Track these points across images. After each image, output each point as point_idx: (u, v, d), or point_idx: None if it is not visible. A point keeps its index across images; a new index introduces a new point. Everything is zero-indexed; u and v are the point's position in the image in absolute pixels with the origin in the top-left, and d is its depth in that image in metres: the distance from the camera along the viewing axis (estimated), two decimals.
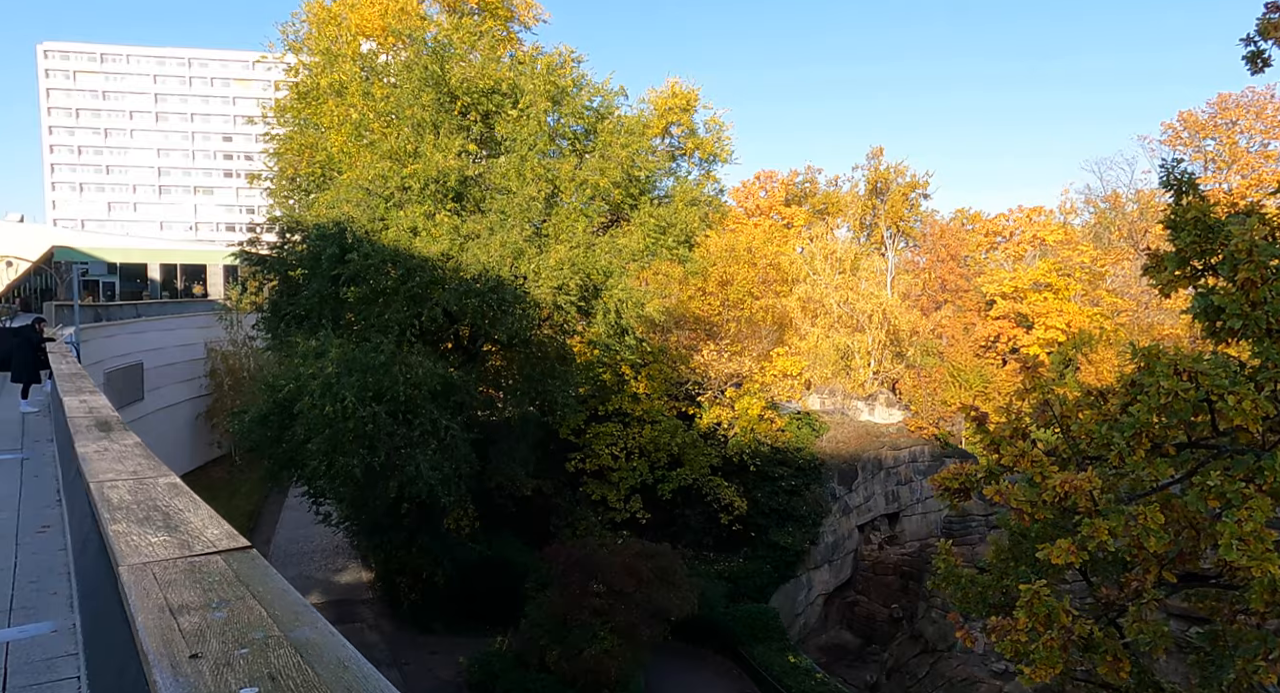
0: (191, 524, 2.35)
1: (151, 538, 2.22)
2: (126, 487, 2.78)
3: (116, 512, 2.40)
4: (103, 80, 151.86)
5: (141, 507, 2.49)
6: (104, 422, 5.04)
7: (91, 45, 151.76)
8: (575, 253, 23.16)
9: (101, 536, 2.36)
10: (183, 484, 2.91)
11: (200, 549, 2.11)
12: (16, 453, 10.38)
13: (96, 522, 2.55)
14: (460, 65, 23.30)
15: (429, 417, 21.49)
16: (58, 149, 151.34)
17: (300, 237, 25.29)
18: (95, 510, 2.54)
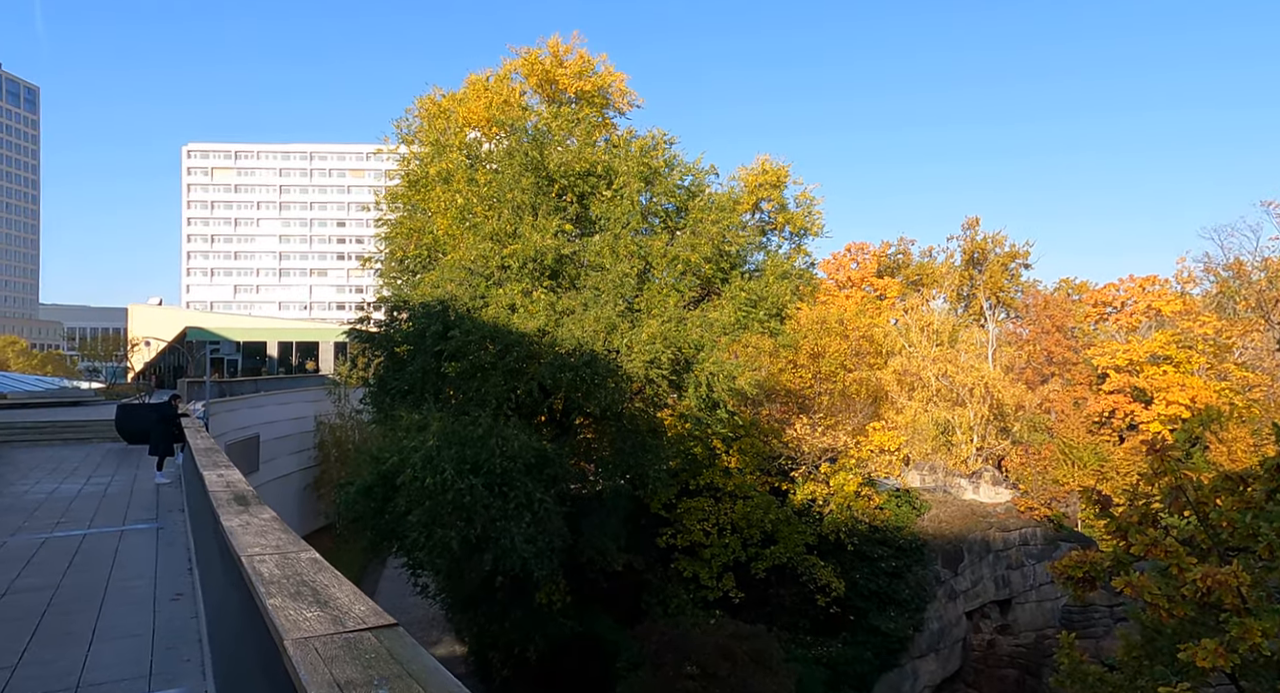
0: (339, 600, 2.48)
1: (306, 613, 2.36)
2: (274, 561, 2.96)
3: (270, 586, 2.56)
4: (235, 175, 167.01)
5: (291, 581, 2.64)
6: (241, 496, 5.37)
7: (228, 144, 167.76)
8: (667, 327, 23.44)
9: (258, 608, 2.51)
10: (322, 559, 3.07)
11: (352, 625, 2.22)
12: (152, 523, 11.09)
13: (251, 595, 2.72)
14: (558, 150, 24.52)
15: (523, 489, 21.75)
16: (194, 238, 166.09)
17: (407, 315, 26.62)
18: (251, 585, 2.71)
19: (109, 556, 9.10)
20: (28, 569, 8.40)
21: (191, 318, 76.36)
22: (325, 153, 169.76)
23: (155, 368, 69.34)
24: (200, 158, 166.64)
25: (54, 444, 22.78)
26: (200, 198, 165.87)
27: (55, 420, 27.21)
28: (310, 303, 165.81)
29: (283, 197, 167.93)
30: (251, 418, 38.03)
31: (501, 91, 27.06)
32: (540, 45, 28.70)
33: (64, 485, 14.75)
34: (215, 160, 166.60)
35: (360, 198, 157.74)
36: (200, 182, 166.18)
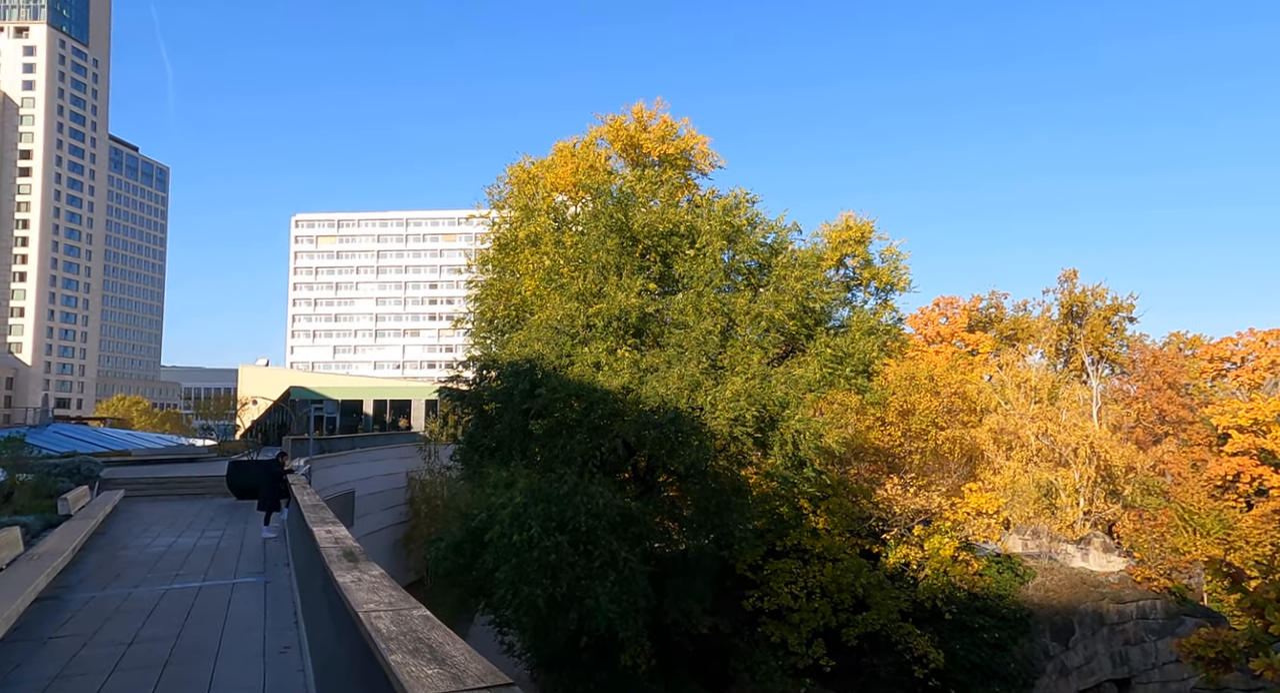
0: (455, 658, 2.58)
1: (427, 669, 2.46)
2: (389, 617, 3.10)
3: (390, 642, 2.69)
4: (337, 242, 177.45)
5: (408, 638, 2.76)
6: (350, 552, 5.61)
7: (331, 214, 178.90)
8: (751, 384, 23.29)
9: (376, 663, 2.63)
10: (434, 617, 3.19)
11: (471, 683, 2.31)
12: (260, 577, 11.61)
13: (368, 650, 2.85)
14: (641, 211, 25.13)
15: (608, 548, 21.66)
16: (299, 302, 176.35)
17: (495, 373, 27.34)
18: (370, 640, 2.84)
19: (222, 608, 9.56)
20: (151, 619, 8.92)
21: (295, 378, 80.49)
22: (420, 219, 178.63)
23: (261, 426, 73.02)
24: (307, 227, 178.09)
25: (172, 499, 24.19)
26: (306, 264, 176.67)
27: (173, 476, 28.93)
28: (403, 362, 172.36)
29: (380, 261, 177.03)
30: (348, 474, 39.42)
31: (587, 157, 28.09)
32: (625, 112, 29.84)
33: (181, 539, 15.62)
34: (320, 229, 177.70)
35: (452, 261, 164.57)
36: (306, 249, 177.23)
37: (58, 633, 8.34)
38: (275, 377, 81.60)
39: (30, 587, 9.20)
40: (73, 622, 8.84)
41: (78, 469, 23.52)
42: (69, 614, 9.21)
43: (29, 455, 24.84)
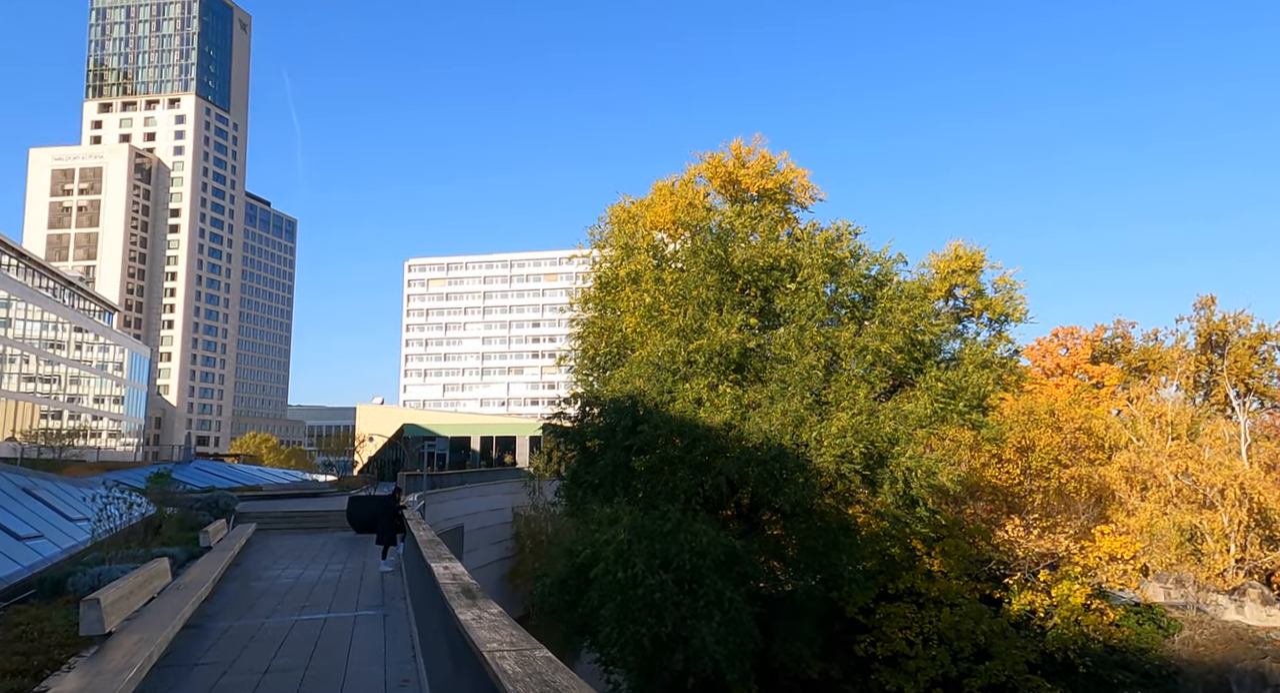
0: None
1: None
2: (513, 658, 3.17)
3: (516, 684, 2.75)
4: (446, 285, 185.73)
5: (533, 680, 2.82)
6: (468, 589, 5.77)
7: (441, 258, 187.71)
8: (858, 420, 22.66)
9: None
10: (555, 658, 3.25)
11: None
12: (379, 610, 12.07)
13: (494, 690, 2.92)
14: (741, 247, 25.13)
15: (713, 587, 21.35)
16: (411, 343, 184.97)
17: (598, 410, 27.67)
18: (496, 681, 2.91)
19: (345, 639, 9.99)
20: (282, 649, 9.42)
21: (407, 415, 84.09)
22: (523, 260, 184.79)
23: (378, 461, 76.38)
24: (419, 271, 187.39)
25: (298, 533, 25.58)
26: (418, 306, 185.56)
27: (298, 510, 30.61)
28: (508, 399, 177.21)
29: (486, 302, 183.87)
30: (457, 509, 40.56)
31: (686, 194, 28.44)
32: (723, 149, 30.12)
33: (307, 572, 16.47)
34: (430, 273, 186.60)
35: (554, 300, 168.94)
36: (418, 292, 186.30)
37: (202, 659, 8.92)
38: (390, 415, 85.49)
39: (179, 615, 9.91)
40: (214, 649, 9.44)
41: (216, 503, 25.25)
42: (211, 642, 9.85)
43: (175, 490, 26.88)
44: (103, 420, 75.04)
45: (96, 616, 8.17)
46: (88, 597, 8.40)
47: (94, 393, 74.27)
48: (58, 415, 64.88)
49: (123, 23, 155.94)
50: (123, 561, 13.47)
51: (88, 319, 74.24)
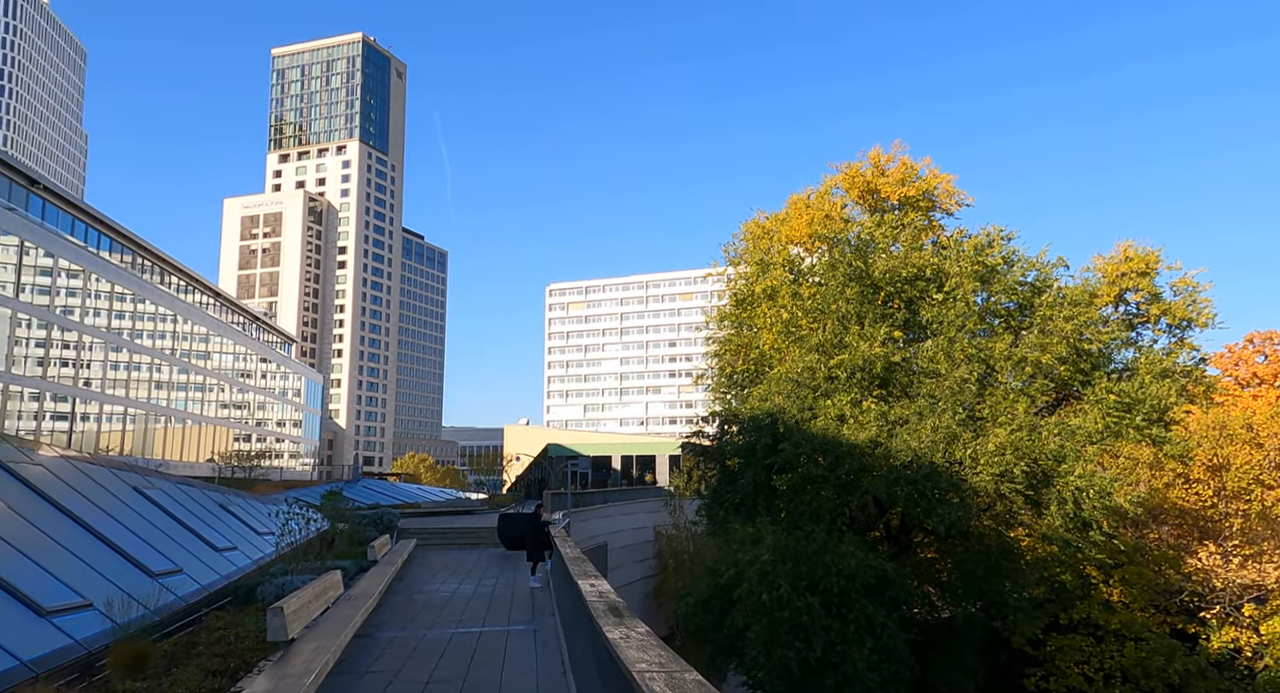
0: None
1: None
2: (663, 679, 3.15)
3: None
4: (585, 308, 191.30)
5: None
6: (615, 607, 5.83)
7: (580, 282, 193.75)
8: (1017, 436, 21.17)
9: None
10: (705, 682, 3.20)
11: None
12: (530, 625, 12.46)
13: None
14: (882, 257, 24.26)
15: (863, 611, 20.52)
16: (553, 365, 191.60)
17: (736, 428, 27.41)
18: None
19: (499, 653, 10.37)
20: (442, 661, 9.91)
21: (551, 435, 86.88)
22: (658, 280, 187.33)
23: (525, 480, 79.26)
24: (559, 295, 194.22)
25: (453, 548, 26.93)
26: (559, 329, 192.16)
27: (453, 527, 32.24)
28: (646, 418, 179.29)
29: (623, 323, 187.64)
30: (601, 527, 41.34)
31: (823, 207, 27.84)
32: (860, 158, 29.27)
33: (463, 586, 17.29)
34: (570, 296, 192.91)
35: (689, 319, 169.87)
36: (559, 315, 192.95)
37: (371, 668, 9.53)
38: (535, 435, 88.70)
39: (351, 625, 10.65)
40: (382, 658, 10.06)
41: (380, 520, 27.03)
42: (379, 651, 10.50)
43: (345, 507, 29.05)
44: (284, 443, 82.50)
45: (280, 623, 8.92)
46: (273, 605, 9.19)
47: (277, 418, 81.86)
48: (247, 438, 71.91)
49: (298, 81, 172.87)
50: (302, 572, 14.67)
51: (271, 350, 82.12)
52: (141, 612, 9.81)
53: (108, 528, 12.73)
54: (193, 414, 62.15)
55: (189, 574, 13.46)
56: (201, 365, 63.36)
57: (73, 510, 12.39)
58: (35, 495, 12.13)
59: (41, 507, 11.91)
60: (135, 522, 14.11)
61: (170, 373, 58.29)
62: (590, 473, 70.68)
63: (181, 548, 14.59)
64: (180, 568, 13.37)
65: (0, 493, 11.29)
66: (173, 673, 8.28)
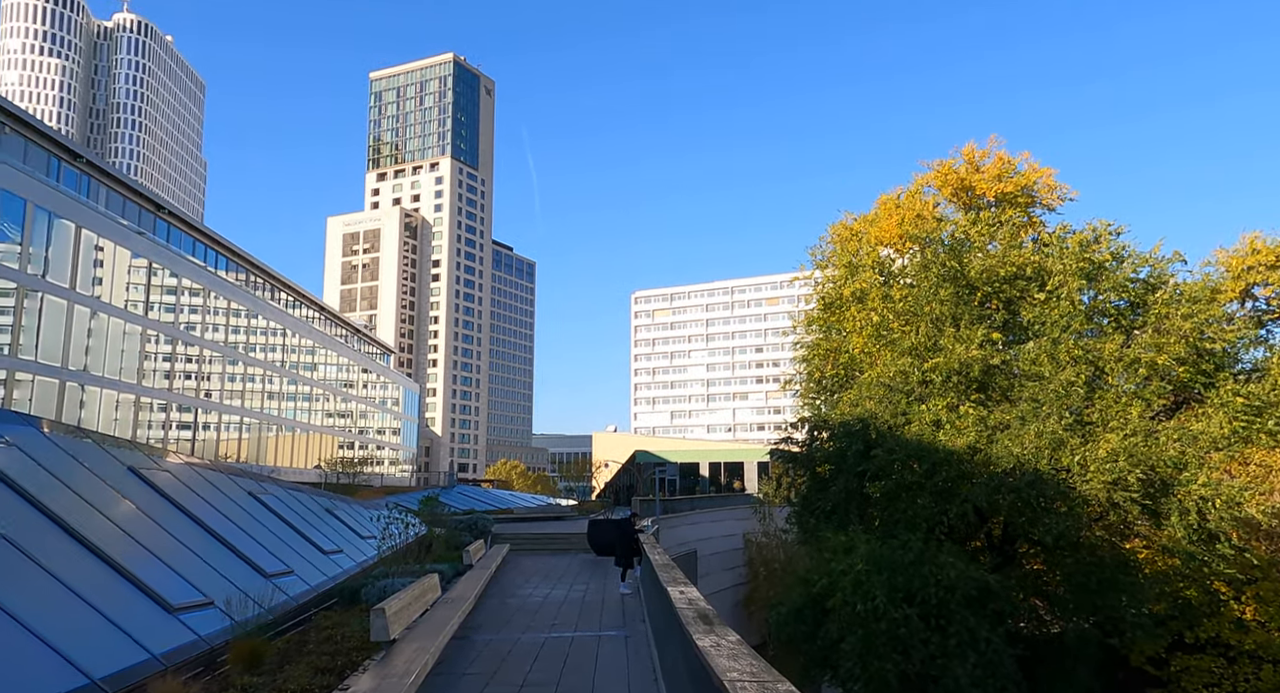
0: None
1: None
2: (755, 689, 3.12)
3: None
4: (670, 315, 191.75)
5: None
6: (705, 614, 5.80)
7: (665, 289, 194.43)
8: (1131, 442, 19.92)
9: None
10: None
11: None
12: (620, 630, 12.54)
13: None
14: (978, 256, 23.35)
15: (964, 624, 19.72)
16: (640, 372, 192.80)
17: (827, 434, 26.84)
18: None
19: (591, 659, 10.47)
20: (536, 664, 10.09)
21: (639, 442, 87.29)
22: (743, 286, 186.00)
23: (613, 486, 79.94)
24: (645, 302, 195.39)
25: (544, 553, 27.41)
26: (645, 336, 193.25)
27: (544, 533, 32.81)
28: (733, 425, 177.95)
29: (709, 329, 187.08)
30: (689, 534, 41.18)
31: (914, 206, 27.01)
32: (953, 154, 28.23)
33: (554, 591, 17.56)
34: (655, 303, 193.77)
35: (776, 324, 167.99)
36: (645, 322, 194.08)
37: (468, 670, 9.79)
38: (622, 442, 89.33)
39: (449, 627, 10.99)
40: (478, 661, 10.32)
41: (475, 525, 27.76)
42: (475, 653, 10.78)
43: (441, 512, 29.99)
44: (384, 450, 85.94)
45: (383, 624, 9.28)
46: (376, 607, 9.57)
47: (377, 426, 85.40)
48: (351, 446, 75.32)
49: (394, 102, 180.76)
50: (402, 574, 15.22)
51: (372, 361, 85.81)
52: (257, 611, 10.39)
53: (226, 530, 13.56)
54: (301, 423, 65.57)
55: (299, 575, 14.17)
56: (309, 376, 66.82)
57: (195, 514, 13.26)
58: (163, 499, 13.04)
59: (168, 510, 12.80)
60: (250, 525, 14.98)
61: (280, 384, 61.73)
62: (678, 480, 70.58)
63: (292, 550, 15.39)
64: (291, 569, 14.09)
65: (133, 497, 12.19)
66: (285, 670, 8.72)
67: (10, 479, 9.70)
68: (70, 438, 13.04)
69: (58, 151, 39.52)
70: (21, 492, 9.60)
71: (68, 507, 10.02)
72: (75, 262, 37.40)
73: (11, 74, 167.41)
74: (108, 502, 11.34)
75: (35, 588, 8.03)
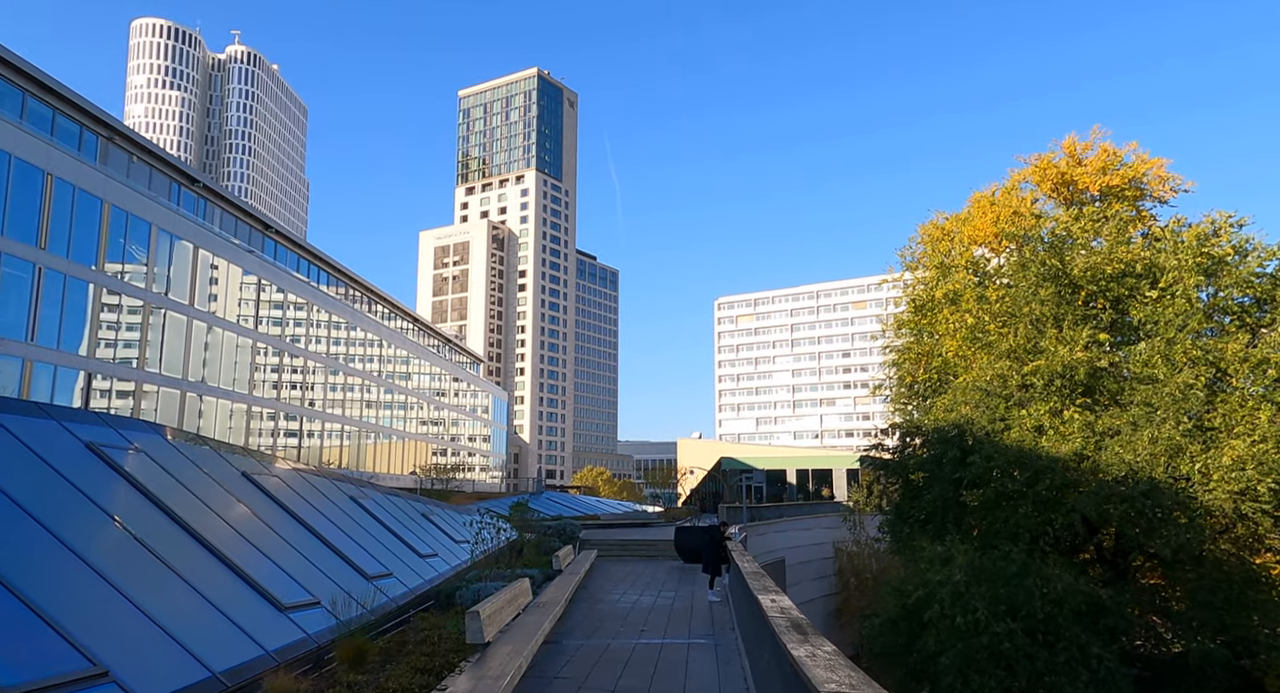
0: None
1: None
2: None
3: None
4: (754, 321, 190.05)
5: None
6: (798, 624, 5.69)
7: (748, 294, 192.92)
8: (1260, 448, 18.51)
9: None
10: None
11: None
12: (710, 638, 12.45)
13: None
14: (1081, 254, 22.23)
15: (1075, 641, 18.75)
16: (724, 379, 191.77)
17: (920, 440, 26.03)
18: None
19: (681, 666, 10.43)
20: (626, 670, 10.12)
21: (724, 449, 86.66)
22: (829, 290, 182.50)
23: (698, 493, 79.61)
24: (728, 308, 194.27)
25: (631, 559, 27.50)
26: (728, 343, 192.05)
27: (631, 539, 32.92)
28: (821, 431, 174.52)
29: (794, 335, 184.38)
30: (777, 542, 40.58)
31: (1010, 203, 25.91)
32: (1053, 147, 26.89)
33: (643, 597, 17.59)
34: (738, 309, 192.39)
35: (863, 328, 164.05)
36: (728, 328, 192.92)
37: (560, 674, 9.91)
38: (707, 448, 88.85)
39: (540, 631, 11.15)
40: (569, 665, 10.43)
41: (563, 531, 28.13)
42: (566, 658, 10.90)
43: (531, 518, 30.53)
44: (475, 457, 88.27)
45: (478, 627, 9.51)
46: (471, 609, 9.81)
47: (468, 433, 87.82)
48: (443, 453, 77.68)
49: (481, 117, 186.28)
50: (494, 578, 15.56)
51: (462, 370, 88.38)
52: (359, 611, 10.81)
53: (330, 533, 14.19)
54: (397, 430, 68.09)
55: (398, 578, 14.68)
56: (403, 385, 69.35)
57: (302, 517, 13.93)
58: (273, 503, 13.76)
59: (278, 513, 13.49)
60: (352, 528, 15.63)
61: (378, 393, 64.31)
62: (764, 487, 69.68)
63: (391, 553, 15.96)
64: (390, 572, 14.62)
65: (246, 500, 12.91)
66: (387, 669, 9.05)
67: (139, 483, 10.43)
68: (190, 445, 13.93)
69: (178, 177, 42.46)
70: (148, 495, 10.31)
71: (188, 508, 10.70)
72: (194, 280, 40.03)
73: (138, 107, 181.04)
74: (224, 504, 12.05)
75: (161, 585, 8.59)
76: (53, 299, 30.72)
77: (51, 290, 30.63)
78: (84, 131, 35.11)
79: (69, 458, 9.74)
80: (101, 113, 36.05)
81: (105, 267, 33.72)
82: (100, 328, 34.21)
